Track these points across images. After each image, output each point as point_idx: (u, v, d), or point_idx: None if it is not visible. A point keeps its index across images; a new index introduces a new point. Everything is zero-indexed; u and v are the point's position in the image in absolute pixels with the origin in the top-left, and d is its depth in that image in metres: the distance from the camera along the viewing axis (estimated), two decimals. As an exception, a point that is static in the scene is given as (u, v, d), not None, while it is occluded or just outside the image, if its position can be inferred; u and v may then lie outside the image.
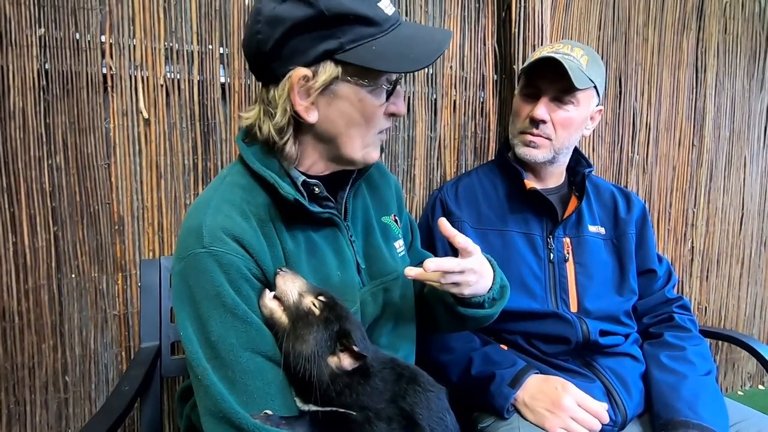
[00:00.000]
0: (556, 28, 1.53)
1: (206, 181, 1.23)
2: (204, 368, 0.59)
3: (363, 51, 0.62)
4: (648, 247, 1.07)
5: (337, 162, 0.72)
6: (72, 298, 1.16)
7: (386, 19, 0.64)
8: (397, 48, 0.63)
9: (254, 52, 0.66)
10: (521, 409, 0.87)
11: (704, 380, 0.91)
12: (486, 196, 1.08)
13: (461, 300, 0.74)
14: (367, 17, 0.62)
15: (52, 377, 1.16)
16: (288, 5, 0.62)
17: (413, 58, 0.63)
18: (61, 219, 1.13)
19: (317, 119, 0.66)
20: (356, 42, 0.62)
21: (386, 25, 0.64)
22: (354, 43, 0.62)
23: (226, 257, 0.61)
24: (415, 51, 0.64)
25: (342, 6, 0.60)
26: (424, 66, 0.65)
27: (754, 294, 2.00)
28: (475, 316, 0.76)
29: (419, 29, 0.71)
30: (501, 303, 0.79)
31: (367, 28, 0.62)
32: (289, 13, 0.61)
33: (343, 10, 0.60)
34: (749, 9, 1.81)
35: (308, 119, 0.66)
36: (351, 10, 0.61)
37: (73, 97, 1.11)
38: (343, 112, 0.66)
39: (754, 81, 1.86)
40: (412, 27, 0.69)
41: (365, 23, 0.62)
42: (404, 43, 0.64)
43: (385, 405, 0.60)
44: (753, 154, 1.91)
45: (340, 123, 0.67)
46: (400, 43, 0.64)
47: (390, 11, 0.65)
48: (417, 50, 0.64)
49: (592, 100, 1.02)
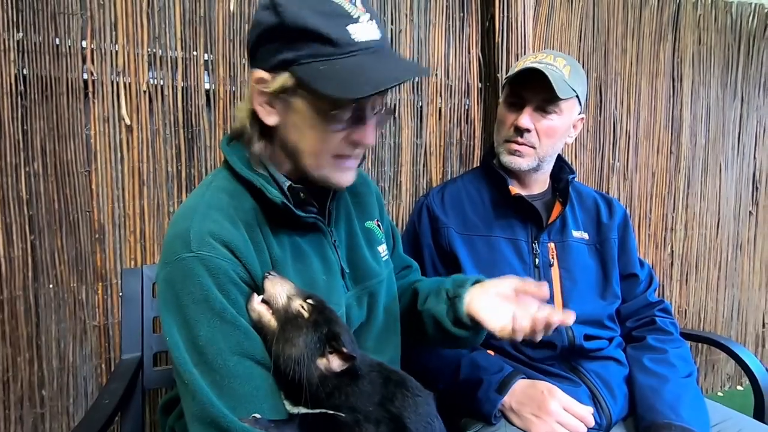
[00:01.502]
0: (539, 38, 1.57)
1: (190, 188, 1.22)
2: (191, 373, 0.58)
3: (311, 68, 0.61)
4: (630, 251, 1.09)
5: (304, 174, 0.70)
6: (49, 309, 1.13)
7: (350, 43, 0.61)
8: (344, 73, 0.60)
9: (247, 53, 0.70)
10: (508, 415, 0.87)
11: (685, 382, 0.93)
12: (472, 203, 1.10)
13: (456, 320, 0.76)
14: (327, 37, 0.60)
15: (28, 391, 1.12)
16: (266, 12, 0.64)
17: (353, 86, 0.59)
18: (39, 227, 1.10)
19: (277, 124, 0.67)
20: (310, 58, 0.61)
21: (346, 49, 0.61)
22: (308, 59, 0.61)
23: (213, 261, 0.60)
24: (361, 79, 0.60)
25: (303, 21, 0.60)
26: (359, 96, 0.59)
27: (731, 296, 2.06)
28: (462, 336, 0.78)
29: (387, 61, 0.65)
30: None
31: (324, 47, 0.61)
32: (263, 20, 0.64)
33: (304, 25, 0.60)
34: (722, 21, 1.88)
35: (266, 120, 0.67)
36: (311, 26, 0.60)
37: (52, 103, 1.09)
38: (296, 124, 0.66)
39: (727, 90, 1.93)
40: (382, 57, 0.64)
41: (323, 42, 0.61)
42: (355, 69, 0.61)
43: (373, 408, 0.60)
44: (728, 160, 1.97)
45: (295, 135, 0.67)
46: (353, 68, 0.61)
47: (360, 37, 0.62)
48: (364, 78, 0.60)
49: (574, 109, 1.05)
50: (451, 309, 0.77)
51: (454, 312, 0.77)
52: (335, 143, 0.66)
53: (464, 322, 0.75)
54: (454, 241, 1.04)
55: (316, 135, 0.65)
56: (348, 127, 0.66)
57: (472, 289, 0.78)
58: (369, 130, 0.67)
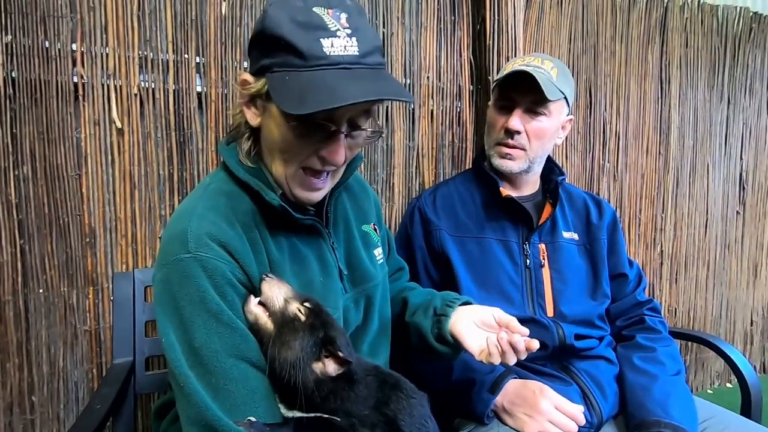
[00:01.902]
0: (529, 40, 1.59)
1: (182, 191, 1.21)
2: (186, 376, 0.58)
3: (278, 77, 0.61)
4: (619, 251, 1.11)
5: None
6: (39, 314, 1.11)
7: (318, 57, 0.59)
8: (304, 87, 0.58)
9: None
10: (501, 414, 0.88)
11: (674, 380, 0.94)
12: (463, 204, 1.10)
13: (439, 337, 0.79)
14: (296, 48, 0.59)
15: (18, 398, 1.11)
16: (258, 19, 0.66)
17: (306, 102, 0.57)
18: (29, 232, 1.09)
19: (259, 125, 0.69)
20: (280, 67, 0.61)
21: (312, 62, 0.59)
22: (279, 68, 0.61)
23: (211, 262, 0.60)
24: (314, 95, 0.57)
25: (278, 29, 0.60)
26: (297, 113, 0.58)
27: (720, 295, 2.09)
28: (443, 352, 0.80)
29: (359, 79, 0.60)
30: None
31: (293, 59, 0.60)
32: (256, 25, 0.66)
33: (277, 34, 0.60)
34: (708, 24, 1.91)
35: (251, 121, 0.69)
36: (282, 35, 0.60)
37: (41, 107, 1.08)
38: (270, 130, 0.66)
39: (714, 92, 1.96)
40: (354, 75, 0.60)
41: (292, 53, 0.60)
42: (316, 84, 0.58)
43: (369, 411, 0.61)
44: (715, 161, 2.00)
45: (269, 139, 0.68)
46: (312, 83, 0.59)
47: (334, 51, 0.60)
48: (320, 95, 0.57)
49: (563, 110, 1.06)
50: (436, 326, 0.79)
51: (438, 329, 0.79)
52: (303, 155, 0.65)
53: (447, 339, 0.78)
54: (446, 242, 1.05)
55: (285, 143, 0.65)
56: (318, 143, 0.64)
57: (460, 309, 0.80)
58: (337, 149, 0.64)
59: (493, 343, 0.70)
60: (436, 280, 1.07)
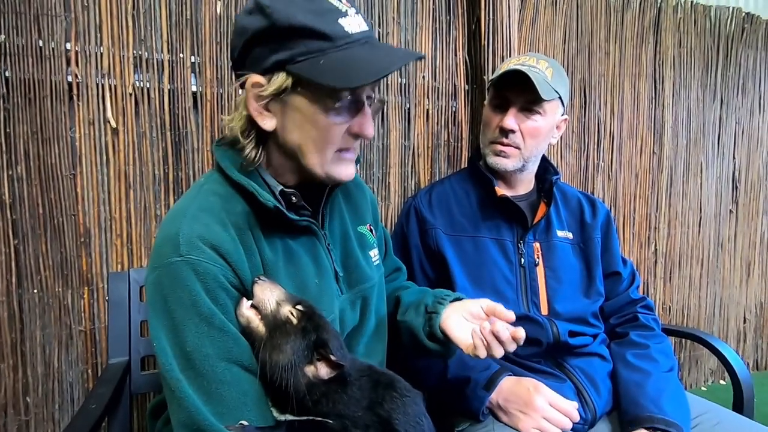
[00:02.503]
0: (524, 40, 1.60)
1: (177, 191, 1.21)
2: (178, 380, 0.58)
3: (310, 64, 0.62)
4: (613, 250, 1.11)
5: (309, 177, 0.71)
6: (34, 314, 1.11)
7: (344, 36, 0.63)
8: (344, 64, 0.62)
9: (232, 61, 0.70)
10: (496, 411, 0.89)
11: (667, 376, 0.95)
12: (459, 204, 1.11)
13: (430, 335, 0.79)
14: (320, 32, 0.62)
15: (12, 399, 1.10)
16: (251, 17, 0.64)
17: (353, 76, 0.61)
18: (23, 232, 1.09)
19: (275, 127, 0.67)
20: (306, 55, 0.62)
21: (340, 42, 0.63)
22: (303, 56, 0.62)
23: (202, 265, 0.60)
24: (359, 67, 0.62)
25: (294, 19, 0.61)
26: (361, 84, 0.62)
27: (713, 293, 2.11)
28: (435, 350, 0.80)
29: (380, 50, 0.67)
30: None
31: (319, 43, 0.62)
32: (250, 24, 0.64)
33: (295, 23, 0.61)
34: (701, 24, 1.93)
35: (264, 125, 0.67)
36: (302, 23, 0.61)
37: (35, 106, 1.08)
38: (298, 123, 0.66)
39: (707, 92, 1.98)
40: (375, 47, 0.66)
41: (317, 38, 0.62)
42: (354, 59, 0.63)
43: (362, 413, 0.60)
44: (708, 160, 2.02)
45: (296, 134, 0.67)
46: (350, 59, 0.63)
47: (353, 29, 0.64)
48: (361, 67, 0.62)
49: (557, 110, 1.07)
50: (427, 324, 0.79)
51: (429, 327, 0.79)
52: (338, 136, 0.67)
53: (438, 337, 0.77)
54: (442, 241, 1.05)
55: (318, 130, 0.66)
56: (348, 120, 0.67)
57: (450, 306, 0.80)
58: (368, 120, 0.69)
59: (477, 335, 0.70)
60: (431, 279, 1.08)
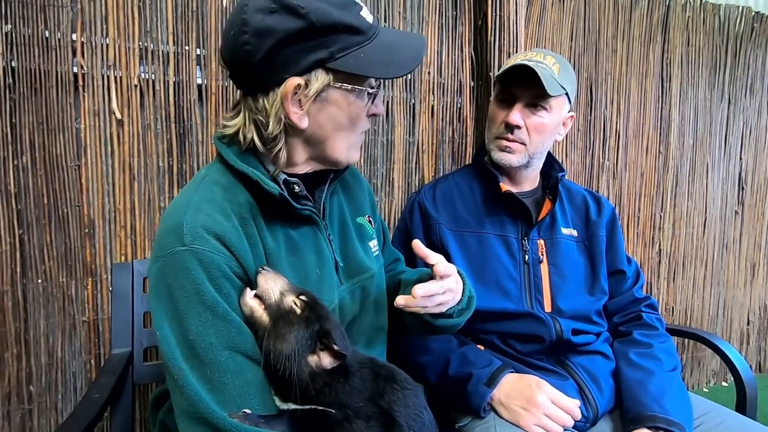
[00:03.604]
0: (530, 37, 1.58)
1: (181, 183, 1.21)
2: (181, 369, 0.58)
3: (352, 59, 0.65)
4: (617, 248, 1.11)
5: (322, 162, 0.75)
6: (38, 304, 1.12)
7: (369, 27, 0.67)
8: (382, 54, 0.67)
9: (242, 64, 0.65)
10: (497, 408, 0.88)
11: (670, 376, 0.95)
12: (463, 199, 1.10)
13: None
14: (354, 26, 0.64)
15: (16, 387, 1.11)
16: (277, 17, 0.62)
17: (398, 64, 0.67)
18: (27, 222, 1.09)
19: (308, 124, 0.68)
20: (345, 50, 0.64)
21: (369, 33, 0.67)
22: (343, 52, 0.64)
23: (206, 255, 0.60)
24: (398, 57, 0.68)
25: (331, 17, 0.63)
26: (409, 72, 0.70)
27: (717, 294, 2.09)
28: (443, 326, 0.79)
29: (396, 35, 0.73)
30: (468, 313, 0.81)
31: (354, 37, 0.65)
32: (280, 25, 0.62)
33: (333, 20, 0.63)
34: (710, 23, 1.91)
35: (300, 125, 0.68)
36: (339, 20, 0.63)
37: (41, 96, 1.08)
38: (332, 116, 0.69)
39: (715, 91, 1.96)
40: (390, 33, 0.71)
41: (352, 32, 0.64)
42: (388, 49, 0.67)
43: (363, 403, 0.61)
44: (715, 161, 2.00)
45: (329, 127, 0.69)
46: (385, 49, 0.67)
47: (370, 19, 0.68)
48: (400, 56, 0.68)
49: (563, 106, 1.06)
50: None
51: None
52: (364, 120, 0.73)
53: None
54: (446, 237, 1.05)
55: (351, 120, 0.70)
56: (368, 104, 0.71)
57: None
58: (379, 99, 0.74)
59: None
60: (434, 275, 1.08)
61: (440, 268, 0.72)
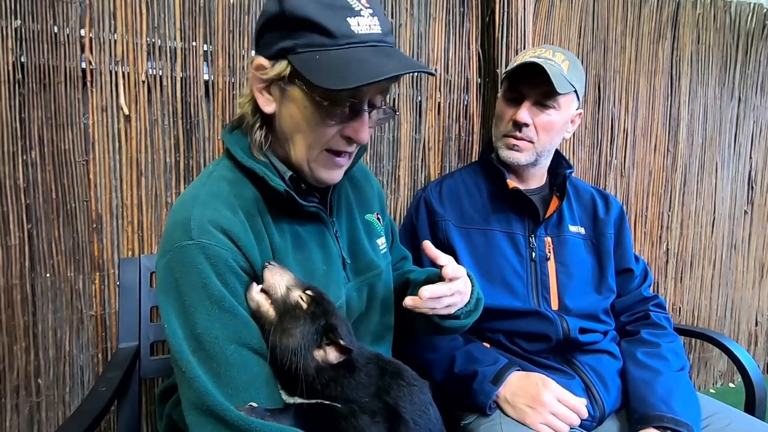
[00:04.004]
0: (538, 34, 1.57)
1: (188, 179, 1.22)
2: (188, 361, 0.58)
3: (307, 57, 0.61)
4: (625, 246, 1.10)
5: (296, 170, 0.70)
6: (46, 298, 1.12)
7: (348, 35, 0.61)
8: (338, 64, 0.60)
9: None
10: (503, 406, 0.88)
11: (678, 376, 0.94)
12: (469, 196, 1.10)
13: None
14: (324, 27, 0.60)
15: (24, 380, 1.12)
16: (271, 1, 0.65)
17: (345, 77, 0.58)
18: (36, 216, 1.10)
19: (274, 112, 0.68)
20: (306, 48, 0.62)
21: (343, 41, 0.61)
22: (304, 48, 0.62)
23: (213, 249, 0.61)
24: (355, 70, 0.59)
25: (303, 10, 0.61)
26: (346, 87, 0.58)
27: (725, 295, 2.07)
28: (451, 327, 0.79)
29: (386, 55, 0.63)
30: (475, 314, 0.81)
31: (321, 38, 0.61)
32: (268, 8, 0.65)
33: (303, 14, 0.61)
34: (721, 20, 1.89)
35: (264, 108, 0.68)
36: (309, 16, 0.60)
37: (50, 92, 1.08)
38: (291, 114, 0.66)
39: (725, 90, 1.94)
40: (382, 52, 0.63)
41: (320, 32, 0.61)
42: (350, 61, 0.60)
43: (369, 399, 0.61)
44: (724, 160, 1.98)
45: (289, 124, 0.67)
46: (346, 60, 0.60)
47: (361, 30, 0.62)
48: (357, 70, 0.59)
49: (572, 104, 1.05)
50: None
51: None
52: (328, 136, 0.66)
53: None
54: (452, 234, 1.05)
55: (310, 126, 0.65)
56: (342, 122, 0.65)
57: None
58: (362, 127, 0.66)
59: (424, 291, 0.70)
60: (440, 272, 1.07)
61: (449, 271, 0.71)
